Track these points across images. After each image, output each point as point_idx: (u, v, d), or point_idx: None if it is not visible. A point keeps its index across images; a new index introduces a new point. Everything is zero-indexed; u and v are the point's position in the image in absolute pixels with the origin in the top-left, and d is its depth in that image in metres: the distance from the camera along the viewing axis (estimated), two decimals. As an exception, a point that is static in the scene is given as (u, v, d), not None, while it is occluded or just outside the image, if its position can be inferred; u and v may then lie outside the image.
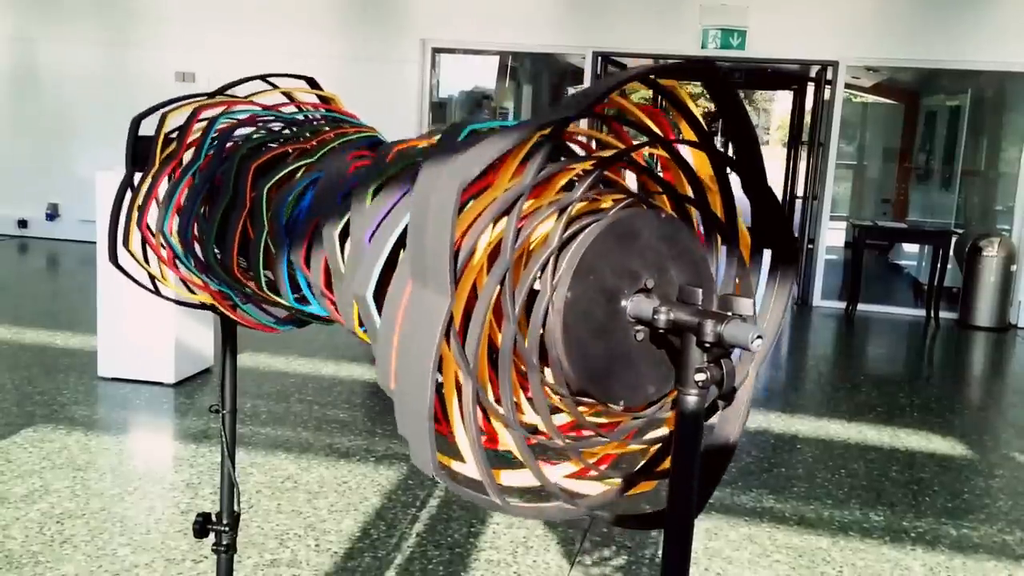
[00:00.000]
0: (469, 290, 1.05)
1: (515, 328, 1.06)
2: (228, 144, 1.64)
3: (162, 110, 1.70)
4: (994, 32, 7.93)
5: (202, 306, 1.79)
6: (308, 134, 1.68)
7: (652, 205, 1.21)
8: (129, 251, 1.72)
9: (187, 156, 1.67)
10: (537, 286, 1.10)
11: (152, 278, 1.80)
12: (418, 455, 1.02)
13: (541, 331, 1.10)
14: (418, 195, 1.01)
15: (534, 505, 1.18)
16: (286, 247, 1.45)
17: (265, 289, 1.53)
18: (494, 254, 1.06)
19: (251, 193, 1.52)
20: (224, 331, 2.04)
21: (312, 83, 1.88)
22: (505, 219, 1.05)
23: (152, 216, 1.68)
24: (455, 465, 1.11)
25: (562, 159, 1.21)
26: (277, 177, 1.51)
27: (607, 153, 1.21)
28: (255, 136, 1.66)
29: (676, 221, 1.20)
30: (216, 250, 1.59)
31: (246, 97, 1.77)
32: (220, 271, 1.57)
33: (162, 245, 1.68)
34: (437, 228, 0.97)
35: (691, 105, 1.22)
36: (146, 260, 1.75)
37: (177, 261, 1.67)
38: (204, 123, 1.69)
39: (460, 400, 1.07)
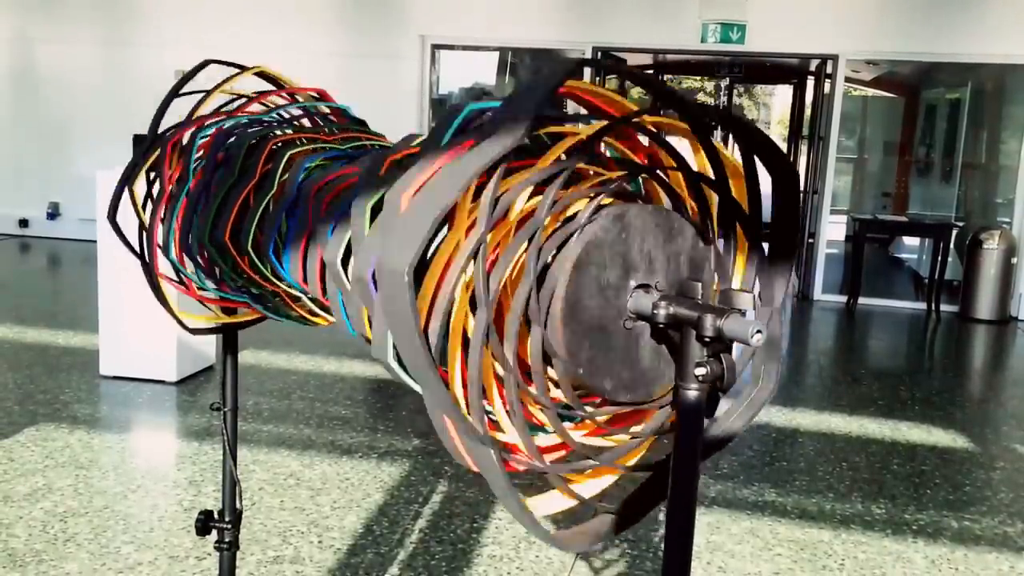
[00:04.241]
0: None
1: (541, 230, 1.06)
2: (218, 154, 1.64)
3: (130, 175, 1.69)
4: (994, 25, 7.92)
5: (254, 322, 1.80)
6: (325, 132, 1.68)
7: (673, 205, 1.23)
8: (175, 312, 1.73)
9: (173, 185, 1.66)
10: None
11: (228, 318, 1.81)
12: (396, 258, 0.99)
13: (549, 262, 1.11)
14: (500, 108, 1.03)
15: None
16: (288, 204, 1.44)
17: (255, 259, 1.53)
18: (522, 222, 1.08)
19: (266, 167, 1.52)
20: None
21: (230, 63, 1.84)
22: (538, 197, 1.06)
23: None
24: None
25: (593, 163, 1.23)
26: (303, 149, 1.51)
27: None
28: (251, 133, 1.66)
29: (687, 226, 1.21)
30: (211, 236, 1.59)
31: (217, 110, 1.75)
32: (212, 248, 1.57)
33: (181, 281, 1.69)
34: (511, 110, 0.99)
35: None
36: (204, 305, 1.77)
37: (199, 286, 1.68)
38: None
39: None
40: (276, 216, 1.46)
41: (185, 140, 1.67)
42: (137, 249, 1.73)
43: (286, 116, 1.76)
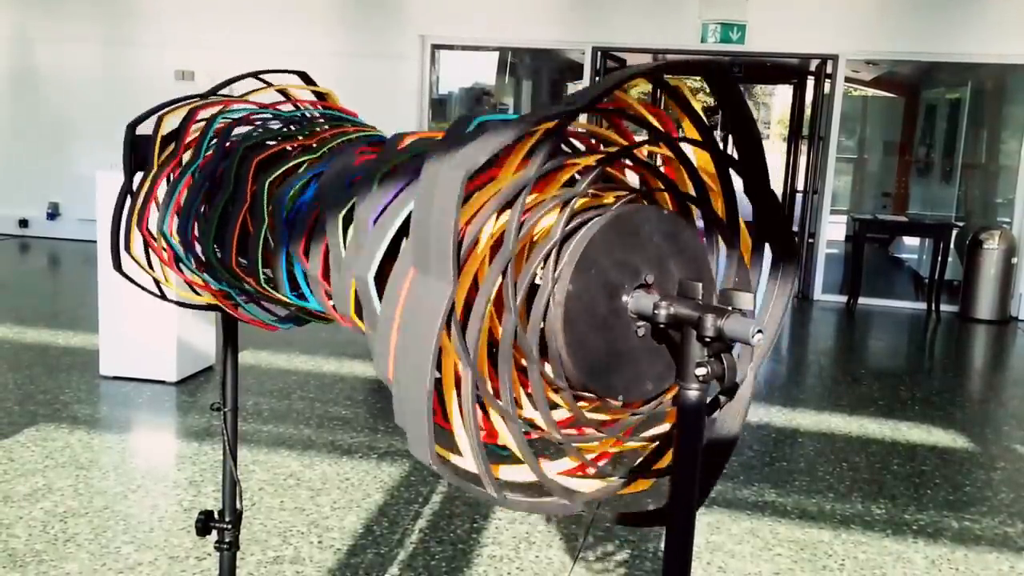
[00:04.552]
0: (470, 282, 1.05)
1: (516, 319, 1.06)
2: (228, 143, 1.64)
3: (158, 113, 1.70)
4: (994, 25, 7.92)
5: (207, 307, 1.79)
6: (308, 132, 1.69)
7: (654, 201, 1.21)
8: (132, 256, 1.72)
9: (185, 157, 1.67)
10: (539, 280, 1.10)
11: (157, 283, 1.80)
12: (416, 446, 1.02)
13: (541, 324, 1.10)
14: (424, 183, 1.01)
15: (531, 499, 1.18)
16: (286, 240, 1.45)
17: (264, 285, 1.54)
18: (496, 246, 1.06)
19: (252, 187, 1.53)
20: (225, 329, 2.04)
21: (305, 78, 1.87)
22: (508, 211, 1.05)
23: (152, 218, 1.68)
24: (453, 459, 1.12)
25: (566, 153, 1.21)
26: (280, 171, 1.52)
27: (610, 150, 1.21)
28: (255, 134, 1.67)
29: (677, 218, 1.21)
30: (216, 248, 1.59)
31: (242, 96, 1.77)
32: (220, 268, 1.57)
33: (163, 248, 1.69)
34: (441, 216, 0.97)
35: (694, 102, 1.22)
36: (149, 264, 1.76)
37: (179, 263, 1.67)
38: (202, 123, 1.69)
39: (459, 392, 1.07)
40: (280, 252, 1.46)
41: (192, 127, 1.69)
42: (133, 182, 1.72)
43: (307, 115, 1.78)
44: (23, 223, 9.84)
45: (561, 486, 1.19)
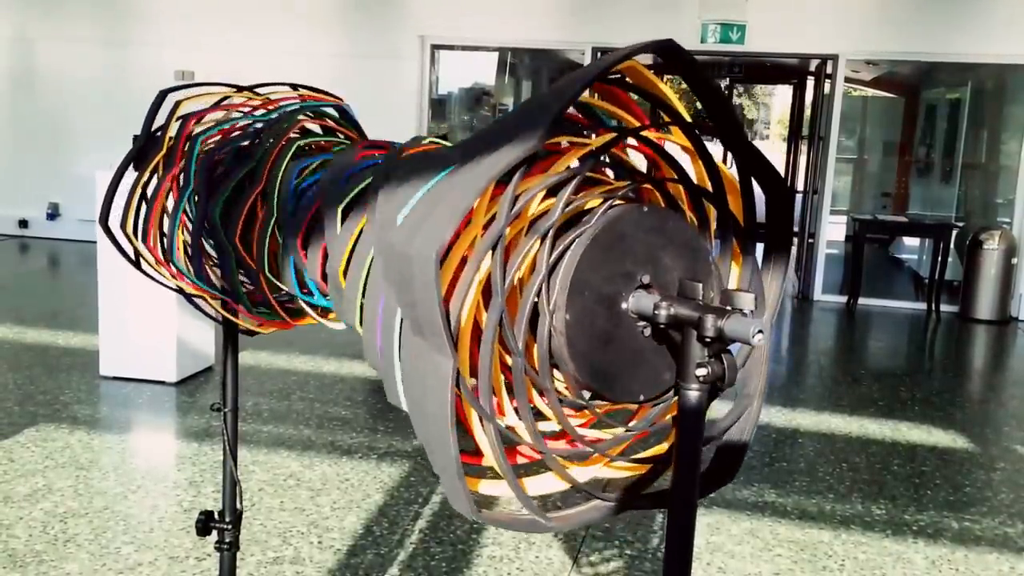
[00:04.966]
0: (472, 325, 1.06)
1: (523, 362, 1.06)
2: (217, 155, 1.65)
3: (189, 95, 1.71)
4: (994, 25, 7.92)
5: (178, 290, 1.79)
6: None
7: (633, 199, 1.20)
8: (125, 232, 1.72)
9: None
10: (535, 298, 1.10)
11: (137, 253, 1.80)
12: (456, 502, 1.04)
13: (548, 348, 1.11)
14: (396, 268, 1.03)
15: (572, 511, 1.19)
16: (316, 295, 1.48)
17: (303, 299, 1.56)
18: (487, 289, 1.06)
19: (251, 259, 1.55)
20: (225, 329, 2.04)
21: (341, 110, 1.87)
22: (491, 254, 1.05)
23: (146, 210, 1.69)
24: (483, 487, 1.12)
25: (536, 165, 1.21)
26: (265, 246, 1.53)
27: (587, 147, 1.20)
28: (228, 184, 1.67)
29: (658, 210, 1.19)
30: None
31: (268, 96, 1.77)
32: (253, 306, 1.60)
33: (166, 256, 1.69)
34: (424, 300, 0.98)
35: (659, 84, 1.21)
36: (135, 234, 1.76)
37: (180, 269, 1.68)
38: (207, 117, 1.70)
39: (484, 429, 1.08)
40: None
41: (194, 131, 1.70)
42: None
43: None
44: (23, 223, 9.84)
45: (595, 484, 1.20)
